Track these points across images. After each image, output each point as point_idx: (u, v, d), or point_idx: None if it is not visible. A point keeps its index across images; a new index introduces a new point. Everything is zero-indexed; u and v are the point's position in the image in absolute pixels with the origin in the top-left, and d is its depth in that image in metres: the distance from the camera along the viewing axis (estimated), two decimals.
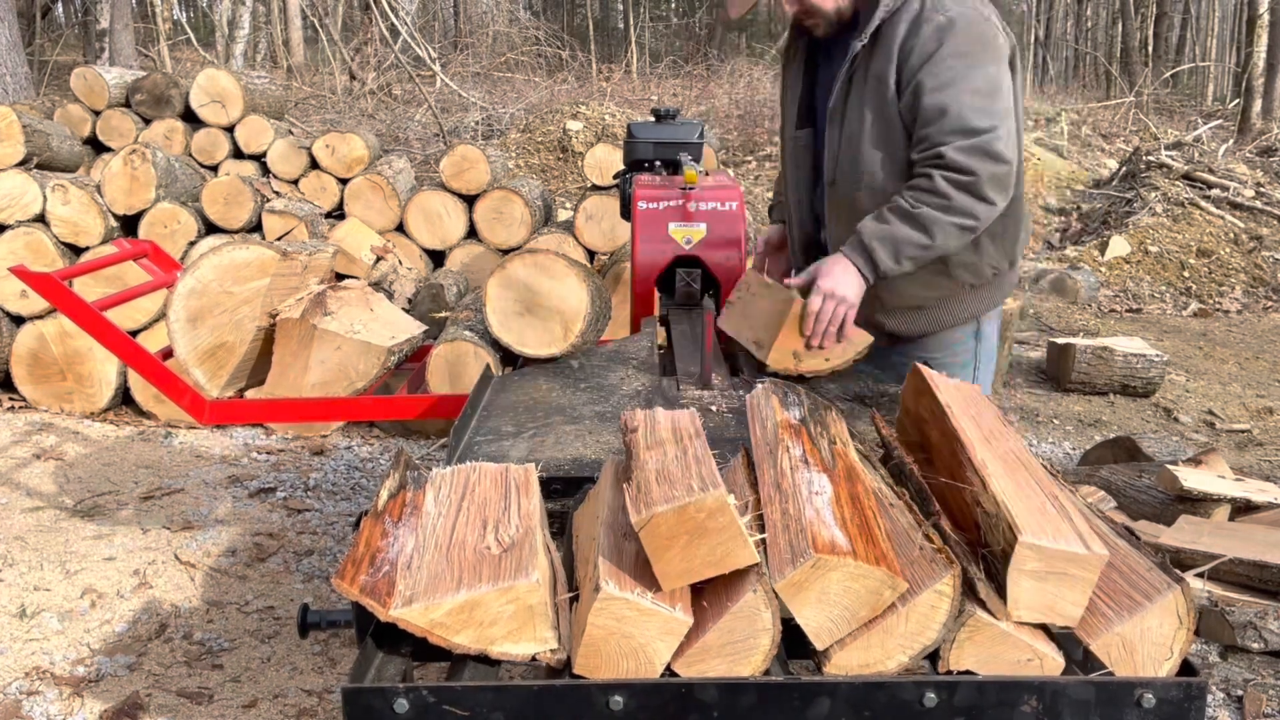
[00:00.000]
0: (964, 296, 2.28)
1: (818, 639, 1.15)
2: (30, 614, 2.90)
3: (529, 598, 1.15)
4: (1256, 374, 5.86)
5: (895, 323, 2.30)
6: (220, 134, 5.64)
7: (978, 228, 2.06)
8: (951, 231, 2.05)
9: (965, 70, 2.04)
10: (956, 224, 2.04)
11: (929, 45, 2.06)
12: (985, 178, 2.02)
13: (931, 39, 2.05)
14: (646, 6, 20.73)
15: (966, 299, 2.29)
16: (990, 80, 2.05)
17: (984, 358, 2.38)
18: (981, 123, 2.03)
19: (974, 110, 2.03)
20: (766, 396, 1.56)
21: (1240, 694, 2.63)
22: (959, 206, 2.03)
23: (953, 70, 2.04)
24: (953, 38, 2.05)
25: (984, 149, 2.02)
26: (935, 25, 2.06)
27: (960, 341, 2.34)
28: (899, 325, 2.30)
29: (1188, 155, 9.50)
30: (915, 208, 2.05)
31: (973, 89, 2.04)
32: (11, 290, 4.57)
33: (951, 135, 2.03)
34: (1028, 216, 2.32)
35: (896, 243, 2.06)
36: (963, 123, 2.03)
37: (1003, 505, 1.16)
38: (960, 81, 2.04)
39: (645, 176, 2.98)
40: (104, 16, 10.19)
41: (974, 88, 2.04)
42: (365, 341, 2.66)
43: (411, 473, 1.46)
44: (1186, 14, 22.78)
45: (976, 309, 2.31)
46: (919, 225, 2.05)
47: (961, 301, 2.29)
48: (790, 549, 1.15)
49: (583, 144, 8.66)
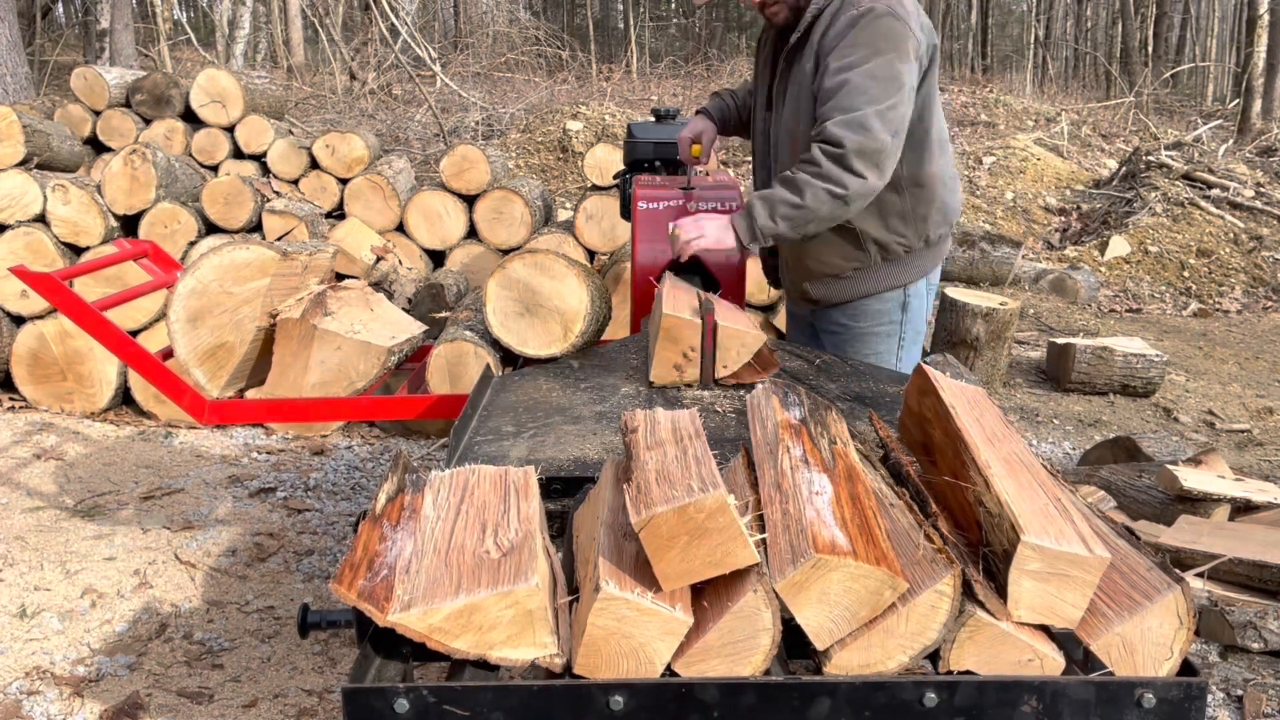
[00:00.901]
0: (878, 269, 2.50)
1: (818, 639, 1.16)
2: (30, 614, 2.90)
3: (528, 602, 1.14)
4: (1256, 374, 5.86)
5: (817, 290, 2.58)
6: (220, 134, 5.64)
7: (847, 196, 2.21)
8: (821, 196, 2.21)
9: (865, 57, 2.22)
10: (825, 189, 2.20)
11: (841, 33, 2.27)
12: (852, 149, 2.18)
13: (845, 27, 2.27)
14: (646, 6, 20.72)
15: (880, 271, 2.51)
16: (886, 68, 2.22)
17: (909, 331, 2.58)
18: (860, 102, 2.20)
19: (859, 91, 2.21)
20: (767, 396, 1.56)
21: (1240, 694, 2.63)
22: (827, 173, 2.20)
23: (853, 55, 2.23)
24: (861, 29, 2.25)
25: (857, 123, 2.19)
26: (849, 17, 2.27)
27: (884, 313, 2.54)
28: (820, 292, 2.57)
29: (1188, 155, 9.50)
30: (794, 173, 2.25)
31: (867, 73, 2.22)
32: (12, 290, 4.58)
33: (835, 111, 2.23)
34: (948, 205, 2.53)
35: (772, 201, 2.26)
36: (847, 101, 2.22)
37: (1006, 505, 1.16)
38: (858, 66, 2.22)
39: (645, 176, 2.98)
40: (104, 16, 10.19)
41: (868, 71, 2.22)
42: (365, 341, 2.66)
43: (410, 475, 1.46)
44: (1186, 14, 22.77)
45: (891, 280, 2.51)
46: (794, 187, 2.24)
47: (876, 273, 2.51)
48: (791, 549, 1.15)
49: (583, 144, 8.66)
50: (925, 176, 2.44)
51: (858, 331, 2.57)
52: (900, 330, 2.57)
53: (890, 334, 2.56)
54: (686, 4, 20.62)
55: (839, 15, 2.30)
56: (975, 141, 10.75)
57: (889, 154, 2.23)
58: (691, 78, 13.49)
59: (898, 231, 2.47)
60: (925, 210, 2.48)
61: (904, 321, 2.56)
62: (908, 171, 2.40)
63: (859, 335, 2.58)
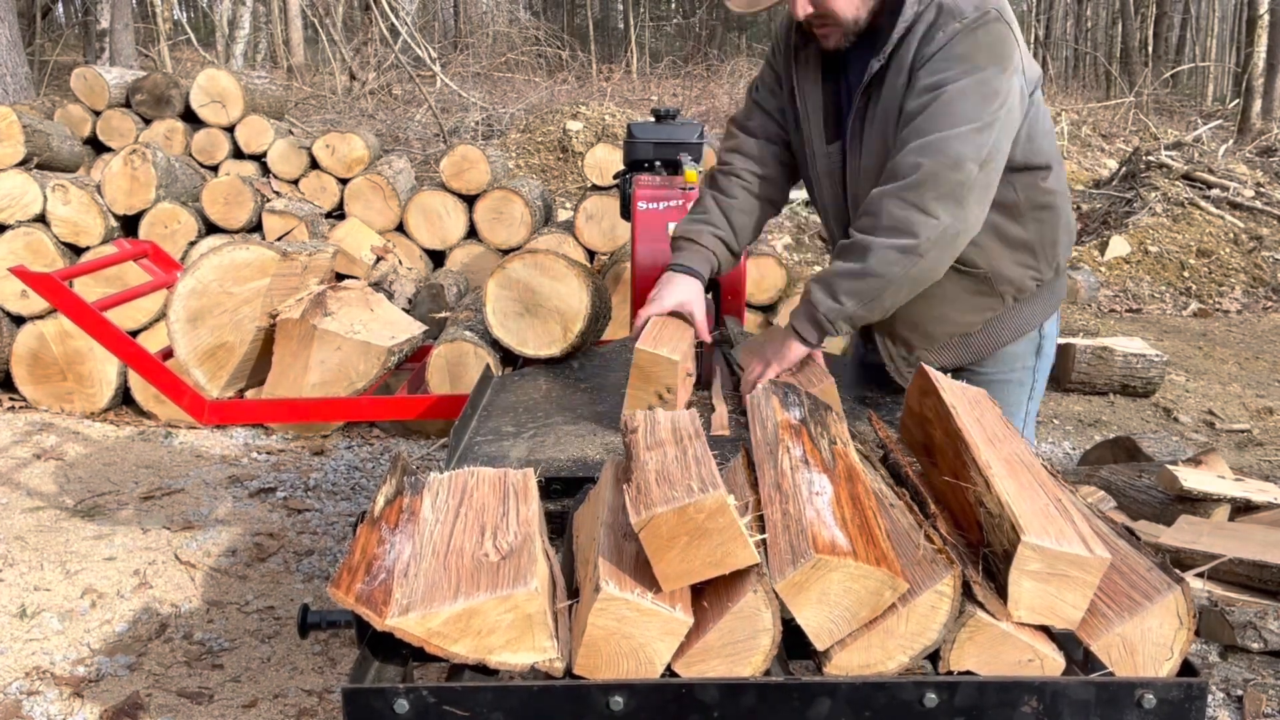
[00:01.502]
0: (1012, 312, 2.09)
1: (818, 639, 1.15)
2: (30, 614, 2.90)
3: (528, 606, 1.14)
4: (1256, 374, 5.86)
5: (944, 358, 2.10)
6: (220, 134, 5.64)
7: (919, 246, 1.76)
8: (887, 255, 1.78)
9: (963, 72, 1.79)
10: (890, 245, 1.77)
11: (940, 45, 1.82)
12: (922, 181, 1.75)
13: (940, 42, 1.82)
14: (646, 6, 20.73)
15: (1015, 315, 2.10)
16: (983, 85, 1.78)
17: (1041, 377, 2.20)
18: (944, 124, 1.76)
19: (944, 112, 1.77)
20: (767, 397, 1.56)
21: (1240, 694, 2.63)
22: (890, 222, 1.77)
23: (950, 71, 1.79)
24: (961, 39, 1.80)
25: (934, 148, 1.76)
26: (948, 30, 1.81)
27: (1018, 357, 2.14)
28: (949, 359, 2.11)
29: (1188, 155, 9.50)
30: (852, 233, 1.85)
31: (959, 90, 1.78)
32: (12, 290, 4.58)
33: (913, 136, 1.80)
34: (1069, 224, 2.11)
35: (831, 279, 1.84)
36: (929, 124, 1.78)
37: (1006, 506, 1.16)
38: (951, 83, 1.78)
39: (645, 176, 2.98)
40: (104, 16, 10.19)
41: (960, 89, 1.78)
42: (365, 342, 2.66)
43: (408, 477, 1.45)
44: (1186, 14, 22.78)
45: (1028, 322, 2.11)
46: (852, 252, 1.83)
47: (1011, 319, 2.10)
48: (791, 549, 1.15)
49: (583, 144, 8.66)
50: (1047, 197, 2.02)
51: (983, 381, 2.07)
52: (1034, 376, 2.17)
53: (1022, 382, 2.16)
54: (695, 7, 20.60)
55: (936, 26, 1.82)
56: None
57: (974, 187, 1.77)
58: (691, 78, 13.49)
59: (1029, 266, 2.06)
60: (1053, 234, 2.07)
61: (1037, 367, 2.17)
62: (1025, 196, 1.98)
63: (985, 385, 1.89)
